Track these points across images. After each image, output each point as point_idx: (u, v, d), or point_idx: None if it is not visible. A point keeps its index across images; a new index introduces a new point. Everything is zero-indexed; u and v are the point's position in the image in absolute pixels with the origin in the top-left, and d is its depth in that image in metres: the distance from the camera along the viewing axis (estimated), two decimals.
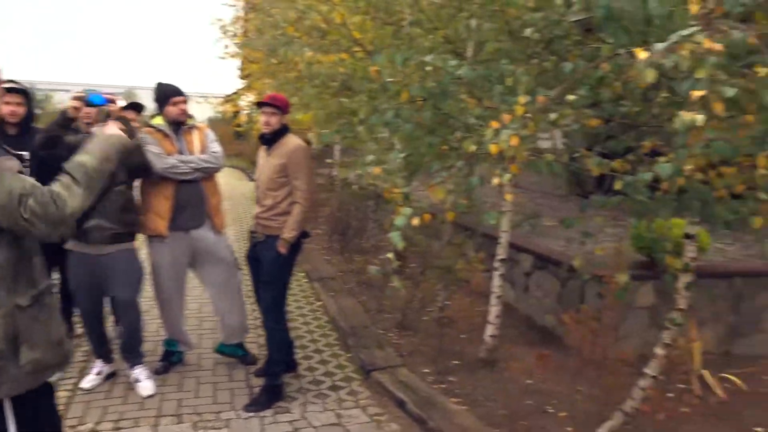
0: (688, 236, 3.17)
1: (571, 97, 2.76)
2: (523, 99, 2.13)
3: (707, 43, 1.63)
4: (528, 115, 2.09)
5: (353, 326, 4.98)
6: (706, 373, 4.00)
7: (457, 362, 4.38)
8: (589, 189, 7.41)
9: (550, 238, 5.64)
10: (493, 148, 2.03)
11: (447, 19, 4.01)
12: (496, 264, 4.43)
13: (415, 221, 2.61)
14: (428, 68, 3.01)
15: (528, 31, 3.20)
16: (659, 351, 3.23)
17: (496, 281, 4.41)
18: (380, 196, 6.16)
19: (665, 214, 2.85)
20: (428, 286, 5.20)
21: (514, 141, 1.98)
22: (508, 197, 2.68)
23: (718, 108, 1.63)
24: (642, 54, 1.70)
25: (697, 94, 1.65)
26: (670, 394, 3.80)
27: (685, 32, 1.68)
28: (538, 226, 5.16)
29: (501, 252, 4.41)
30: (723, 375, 4.07)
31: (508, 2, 3.52)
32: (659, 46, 1.68)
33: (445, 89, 3.01)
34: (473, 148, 2.29)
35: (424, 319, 5.18)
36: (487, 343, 4.41)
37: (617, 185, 2.65)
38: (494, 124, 2.11)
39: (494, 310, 4.40)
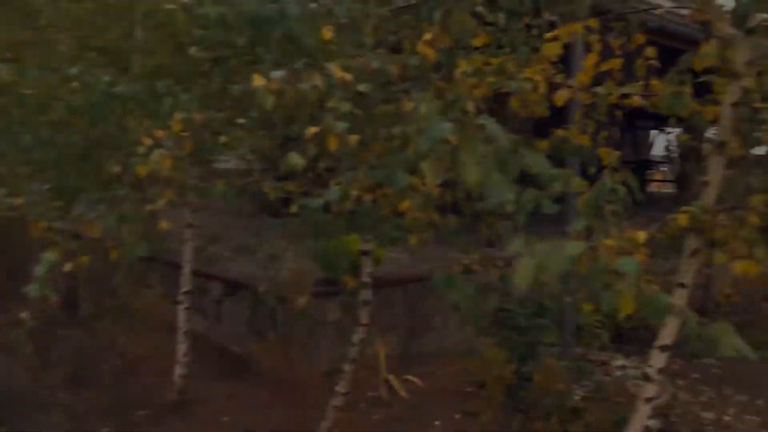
0: (364, 253, 3.30)
1: (241, 120, 2.64)
2: (178, 116, 1.90)
3: (338, 73, 1.64)
4: (185, 133, 1.87)
5: (7, 392, 4.10)
6: (391, 378, 4.25)
7: (144, 412, 3.91)
8: (275, 208, 7.47)
9: (240, 262, 5.47)
10: (141, 170, 1.76)
11: (102, 27, 3.54)
12: (181, 297, 4.09)
13: (68, 266, 2.20)
14: (75, 84, 2.58)
15: (192, 49, 2.99)
16: (347, 367, 3.30)
17: (182, 316, 4.07)
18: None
19: (339, 233, 2.91)
20: (106, 329, 4.58)
21: (167, 162, 1.74)
22: (164, 225, 2.42)
23: (333, 144, 1.65)
24: (258, 81, 1.63)
25: (312, 131, 1.66)
26: (363, 404, 3.94)
27: (309, 60, 1.69)
28: (218, 256, 4.94)
29: (185, 284, 4.09)
30: (406, 377, 4.38)
31: (171, 17, 3.26)
32: (278, 73, 1.64)
33: (99, 108, 2.61)
34: (116, 169, 1.99)
35: (104, 368, 4.53)
36: (178, 384, 4.04)
37: (292, 208, 2.60)
38: (146, 141, 1.84)
39: (182, 347, 4.05)
